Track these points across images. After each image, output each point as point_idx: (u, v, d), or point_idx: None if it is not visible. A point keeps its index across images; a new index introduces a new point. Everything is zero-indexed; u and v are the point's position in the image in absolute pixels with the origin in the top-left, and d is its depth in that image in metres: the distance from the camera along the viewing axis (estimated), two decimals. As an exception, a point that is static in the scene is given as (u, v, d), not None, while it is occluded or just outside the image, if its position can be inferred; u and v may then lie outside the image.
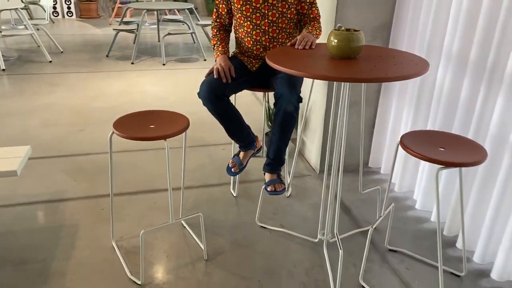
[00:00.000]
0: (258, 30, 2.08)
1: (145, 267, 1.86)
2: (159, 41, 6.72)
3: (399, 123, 2.50)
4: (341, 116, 1.77)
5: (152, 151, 2.96)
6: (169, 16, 6.81)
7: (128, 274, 1.82)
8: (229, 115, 2.04)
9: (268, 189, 2.04)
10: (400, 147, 1.67)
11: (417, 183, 2.41)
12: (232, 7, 2.11)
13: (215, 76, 2.00)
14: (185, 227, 2.14)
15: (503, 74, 1.75)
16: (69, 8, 8.85)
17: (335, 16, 2.31)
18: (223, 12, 2.18)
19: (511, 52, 1.66)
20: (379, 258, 1.97)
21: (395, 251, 2.02)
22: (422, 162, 2.34)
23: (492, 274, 1.85)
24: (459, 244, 2.06)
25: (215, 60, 2.11)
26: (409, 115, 2.35)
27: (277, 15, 2.05)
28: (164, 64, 5.29)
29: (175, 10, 7.98)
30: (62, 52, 5.74)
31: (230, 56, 2.22)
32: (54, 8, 8.73)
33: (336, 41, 1.58)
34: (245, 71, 2.15)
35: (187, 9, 5.65)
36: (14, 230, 2.09)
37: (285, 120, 1.90)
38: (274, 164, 2.06)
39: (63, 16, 8.93)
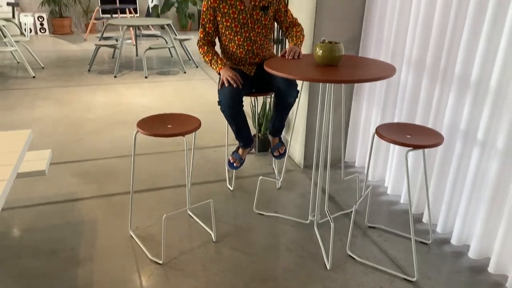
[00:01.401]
0: (248, 41, 2.43)
1: (163, 249, 2.14)
2: (137, 55, 6.97)
3: (369, 122, 2.90)
4: (326, 116, 2.13)
5: (150, 155, 3.23)
6: (148, 32, 7.08)
7: (149, 256, 2.10)
8: (241, 118, 2.41)
9: (275, 154, 2.61)
10: (376, 136, 2.05)
11: (387, 172, 2.80)
12: (220, 25, 2.43)
13: (226, 85, 2.32)
14: (191, 216, 2.44)
15: (453, 75, 2.18)
16: (42, 24, 8.94)
17: (313, 31, 2.70)
18: (210, 31, 2.46)
19: (458, 58, 2.08)
20: (361, 233, 2.33)
21: (374, 227, 2.39)
22: (391, 154, 2.74)
23: (452, 240, 2.26)
24: (425, 219, 2.45)
25: (218, 73, 2.42)
26: (378, 113, 2.75)
27: (261, 26, 2.43)
28: (146, 77, 5.55)
29: (151, 25, 8.25)
30: (43, 67, 5.90)
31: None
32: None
33: (321, 51, 1.95)
34: (246, 77, 2.49)
35: (166, 25, 5.95)
36: (39, 226, 2.32)
37: (286, 109, 2.42)
38: (277, 131, 2.61)
39: (36, 33, 9.01)
